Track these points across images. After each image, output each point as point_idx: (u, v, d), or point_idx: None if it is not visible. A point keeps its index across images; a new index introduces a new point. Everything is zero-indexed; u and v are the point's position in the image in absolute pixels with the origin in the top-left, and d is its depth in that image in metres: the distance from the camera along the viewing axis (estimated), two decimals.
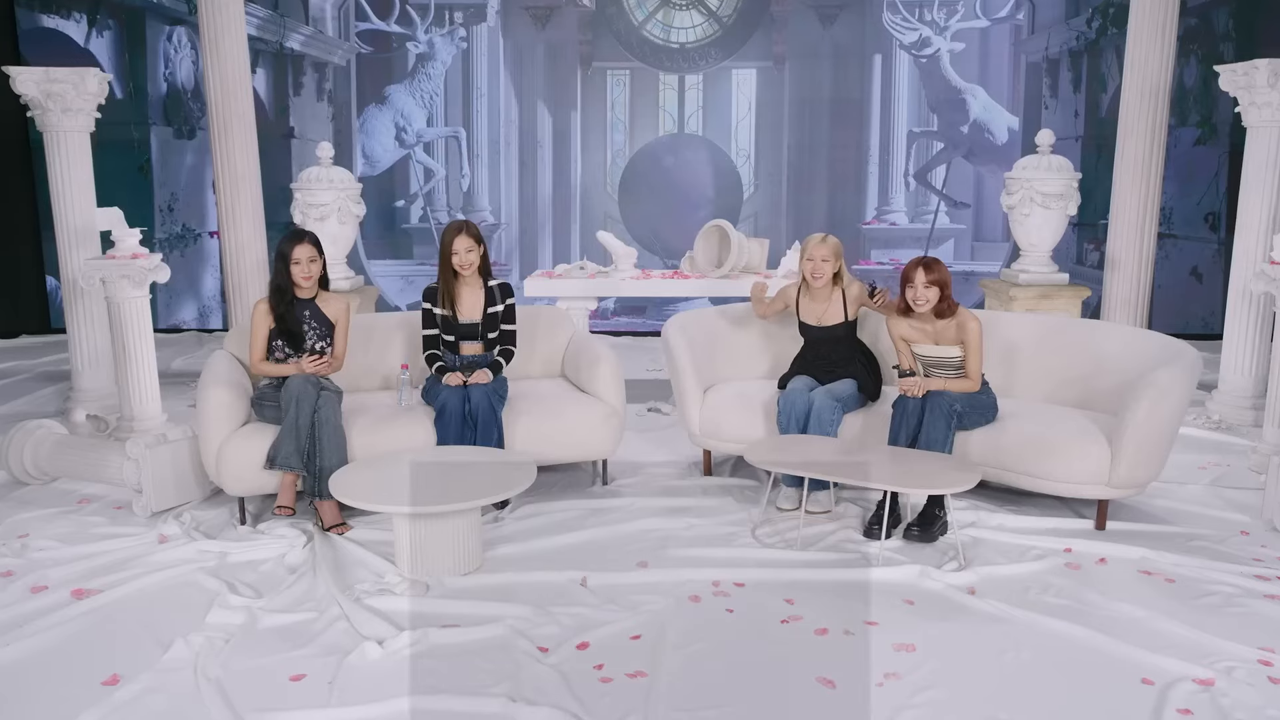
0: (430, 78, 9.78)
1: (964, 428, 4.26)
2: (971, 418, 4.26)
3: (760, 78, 9.82)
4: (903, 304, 4.33)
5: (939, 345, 4.33)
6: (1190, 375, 4.16)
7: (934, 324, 4.32)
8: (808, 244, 4.66)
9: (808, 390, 4.50)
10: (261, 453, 4.17)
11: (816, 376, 4.64)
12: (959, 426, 4.23)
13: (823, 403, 4.40)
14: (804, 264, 4.64)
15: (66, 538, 4.13)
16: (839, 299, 4.66)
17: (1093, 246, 9.10)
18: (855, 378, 4.60)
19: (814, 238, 4.67)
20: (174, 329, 9.22)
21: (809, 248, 4.64)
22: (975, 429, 4.29)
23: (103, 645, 3.26)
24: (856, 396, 4.54)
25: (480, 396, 4.33)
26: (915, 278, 4.24)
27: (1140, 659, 3.13)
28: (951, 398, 4.20)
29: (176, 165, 9.29)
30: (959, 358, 4.30)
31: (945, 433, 4.17)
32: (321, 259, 4.43)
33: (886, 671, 3.05)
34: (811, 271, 4.62)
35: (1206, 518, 4.35)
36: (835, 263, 4.62)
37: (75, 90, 5.63)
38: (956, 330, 4.29)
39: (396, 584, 3.65)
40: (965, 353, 4.27)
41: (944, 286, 4.25)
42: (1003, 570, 3.79)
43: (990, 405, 4.35)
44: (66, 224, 5.79)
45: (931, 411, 4.18)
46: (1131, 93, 6.55)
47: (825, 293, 4.67)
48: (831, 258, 4.61)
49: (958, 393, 4.23)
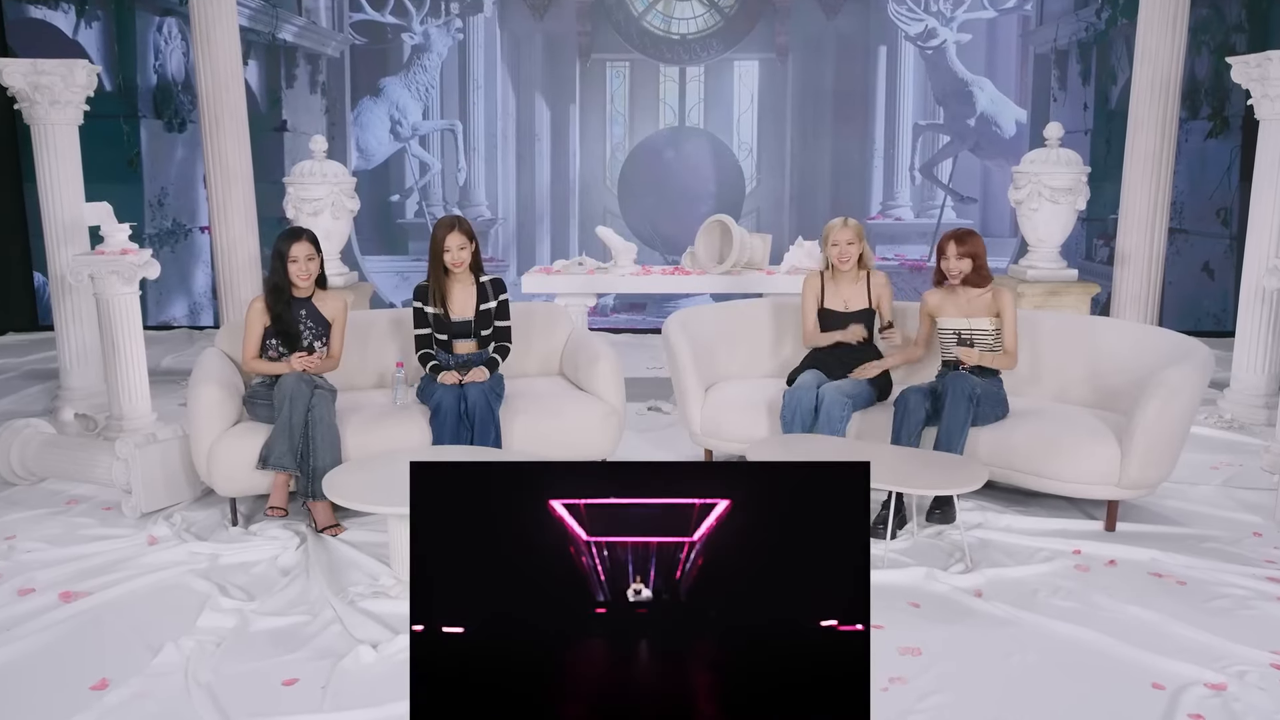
0: (426, 70, 9.78)
1: (977, 422, 4.27)
2: (985, 409, 4.28)
3: (763, 70, 9.82)
4: (938, 275, 4.52)
5: (970, 318, 4.43)
6: (1202, 373, 4.16)
7: (967, 296, 4.45)
8: (830, 230, 4.74)
9: (815, 386, 4.48)
10: (253, 452, 4.17)
11: (829, 371, 4.62)
12: (974, 419, 4.24)
13: (833, 399, 4.37)
14: (829, 250, 4.72)
15: (54, 539, 4.12)
16: (864, 283, 4.74)
17: (1102, 242, 9.10)
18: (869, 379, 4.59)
19: (835, 223, 4.75)
20: (164, 326, 9.22)
21: (832, 234, 4.72)
22: (986, 425, 4.29)
23: (91, 649, 3.25)
24: (868, 393, 4.53)
25: (477, 395, 4.32)
26: (948, 250, 4.43)
27: (1151, 663, 3.12)
28: (972, 382, 4.22)
29: (167, 159, 9.28)
30: (992, 332, 4.40)
31: (965, 418, 4.18)
32: (319, 257, 4.43)
33: (892, 675, 3.05)
34: (839, 256, 4.69)
35: (1218, 519, 4.35)
36: (859, 245, 4.72)
37: (63, 82, 5.61)
38: (990, 302, 4.42)
39: (391, 587, 3.65)
40: (1003, 326, 4.40)
41: (976, 258, 4.42)
42: (1010, 572, 3.79)
43: (1003, 399, 4.39)
44: (54, 219, 5.78)
45: (953, 395, 4.19)
46: (1142, 85, 6.54)
47: (851, 277, 4.75)
48: (856, 240, 4.70)
49: (979, 378, 4.28)
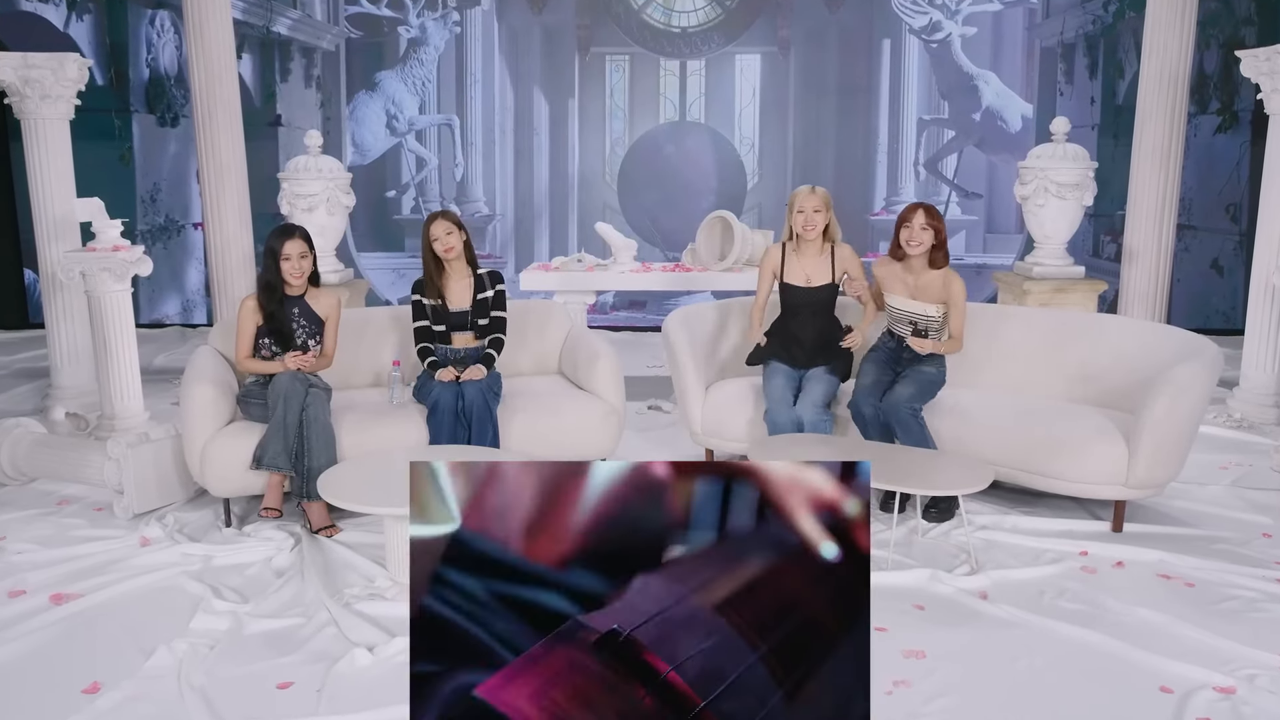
0: (422, 63, 9.77)
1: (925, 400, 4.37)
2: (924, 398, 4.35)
3: (765, 63, 9.81)
4: (895, 246, 4.43)
5: (916, 300, 4.42)
6: (1210, 372, 4.16)
7: (919, 276, 4.41)
8: (796, 196, 4.61)
9: (790, 403, 4.48)
10: (247, 452, 4.17)
11: (790, 357, 4.60)
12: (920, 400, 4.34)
13: (815, 418, 4.41)
14: (794, 218, 4.59)
15: (45, 540, 4.12)
16: (828, 257, 4.62)
17: (1110, 238, 9.10)
18: (831, 362, 4.59)
19: (802, 189, 4.63)
20: (157, 324, 9.22)
21: (798, 200, 4.59)
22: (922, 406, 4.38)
23: (83, 652, 3.25)
24: (834, 385, 4.57)
25: (474, 394, 4.33)
26: (914, 219, 4.36)
27: (1158, 666, 3.12)
28: (909, 397, 4.29)
29: (159, 154, 9.28)
30: (936, 318, 4.40)
31: (920, 432, 4.27)
32: (313, 254, 4.43)
33: (896, 679, 3.05)
34: (804, 224, 4.56)
35: (1227, 520, 4.35)
36: (826, 214, 4.59)
37: (54, 76, 5.61)
38: (940, 288, 4.39)
39: (387, 588, 3.65)
40: (950, 312, 4.39)
41: (939, 233, 4.37)
42: (1016, 574, 3.79)
43: (939, 380, 4.43)
44: (45, 215, 5.78)
45: (899, 420, 4.28)
46: (1150, 79, 6.54)
47: (815, 247, 4.63)
48: (823, 208, 4.57)
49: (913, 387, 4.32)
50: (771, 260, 4.70)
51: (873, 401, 4.36)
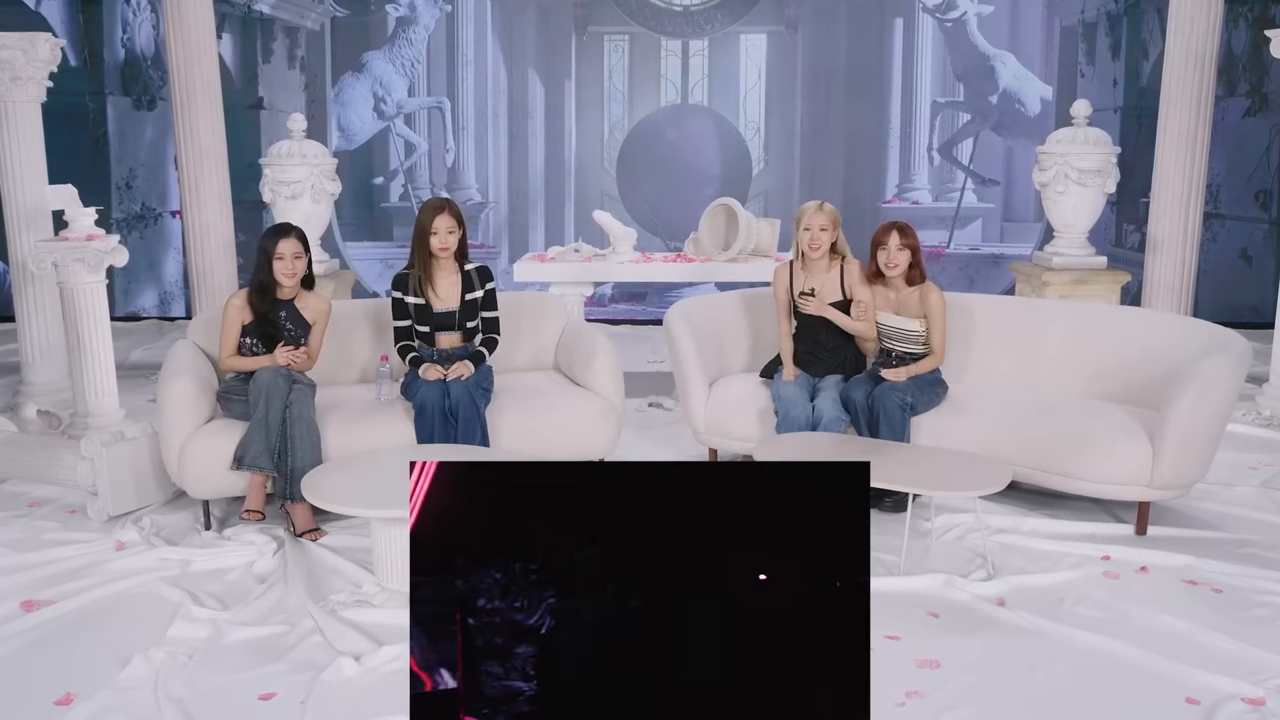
0: (412, 44, 9.76)
1: (917, 411, 4.42)
2: (922, 402, 4.43)
3: (771, 43, 9.80)
4: (873, 268, 4.57)
5: (899, 315, 4.56)
6: (1239, 367, 4.16)
7: (899, 292, 4.56)
8: (803, 213, 4.69)
9: (806, 400, 4.51)
10: (228, 452, 4.16)
11: (809, 367, 4.68)
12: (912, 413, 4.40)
13: (834, 414, 4.44)
14: (800, 235, 4.66)
15: (15, 544, 4.11)
16: (837, 274, 4.68)
17: (1133, 227, 9.09)
18: (844, 369, 4.66)
19: (809, 206, 4.70)
20: (132, 317, 9.22)
21: (805, 217, 4.66)
22: (929, 411, 4.44)
23: (55, 661, 3.25)
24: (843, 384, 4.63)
25: (460, 392, 4.31)
26: (889, 241, 4.51)
27: (1184, 676, 3.12)
28: (903, 390, 4.37)
29: (135, 139, 9.27)
30: (919, 332, 4.52)
31: (902, 426, 4.34)
32: (307, 255, 4.42)
33: (909, 689, 3.05)
34: (809, 242, 4.63)
35: (1256, 522, 4.34)
36: (834, 232, 4.66)
37: (25, 57, 5.60)
38: (919, 302, 4.53)
39: (374, 594, 3.65)
40: (929, 326, 4.52)
41: (915, 252, 4.53)
42: (1035, 579, 3.79)
43: (937, 382, 4.53)
44: (15, 203, 5.77)
45: (885, 410, 4.35)
46: (1175, 60, 6.52)
47: (823, 265, 4.69)
48: (830, 226, 4.64)
49: (908, 382, 4.41)
50: (781, 281, 4.79)
51: (865, 389, 4.45)
